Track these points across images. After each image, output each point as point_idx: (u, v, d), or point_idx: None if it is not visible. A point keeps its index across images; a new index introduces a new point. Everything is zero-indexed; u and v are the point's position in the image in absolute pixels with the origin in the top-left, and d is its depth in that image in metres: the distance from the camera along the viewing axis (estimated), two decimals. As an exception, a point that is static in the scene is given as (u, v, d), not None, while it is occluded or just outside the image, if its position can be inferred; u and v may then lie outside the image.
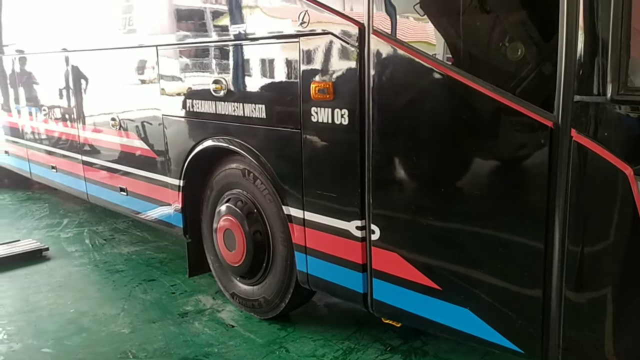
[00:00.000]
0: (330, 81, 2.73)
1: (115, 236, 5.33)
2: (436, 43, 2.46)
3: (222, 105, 3.37)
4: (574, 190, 2.01)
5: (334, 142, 2.79)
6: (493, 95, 2.15)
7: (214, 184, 3.70)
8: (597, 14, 1.89)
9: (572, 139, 1.96)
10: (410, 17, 2.52)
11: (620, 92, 1.84)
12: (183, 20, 3.68)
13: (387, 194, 2.62)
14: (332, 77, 2.72)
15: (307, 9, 2.79)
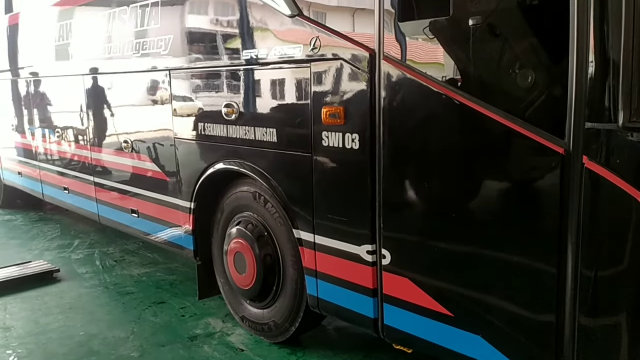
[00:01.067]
0: (342, 106, 2.75)
1: (126, 258, 5.35)
2: (447, 69, 2.47)
3: (234, 128, 3.41)
4: (587, 217, 2.00)
5: (345, 167, 2.80)
6: (504, 121, 2.16)
7: (225, 207, 3.71)
8: (608, 40, 1.90)
9: (584, 165, 1.95)
10: (420, 43, 2.54)
11: (633, 119, 1.84)
12: (195, 44, 3.74)
13: (398, 218, 2.62)
14: (343, 102, 2.74)
15: (318, 34, 2.82)
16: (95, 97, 4.99)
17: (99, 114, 4.97)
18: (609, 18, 1.89)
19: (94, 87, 4.97)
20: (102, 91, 4.87)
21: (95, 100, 5.01)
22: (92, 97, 5.02)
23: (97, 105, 4.99)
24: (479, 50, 2.35)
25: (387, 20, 2.52)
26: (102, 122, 4.94)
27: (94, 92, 4.98)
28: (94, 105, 5.03)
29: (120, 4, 4.41)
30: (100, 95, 4.91)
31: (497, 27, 2.35)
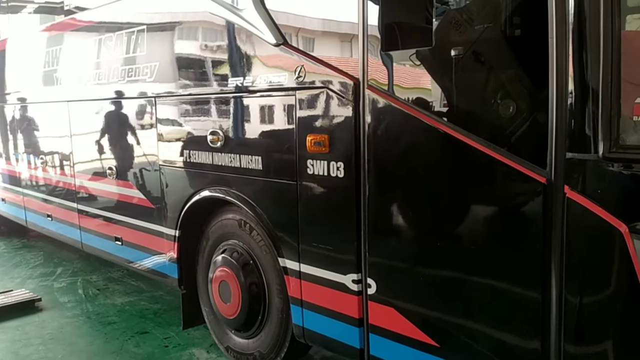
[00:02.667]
0: (326, 134, 2.75)
1: (109, 286, 5.27)
2: (430, 98, 2.50)
3: (219, 156, 3.40)
4: (570, 246, 2.00)
5: (330, 195, 2.80)
6: (487, 150, 2.17)
7: (210, 234, 3.68)
8: (587, 71, 1.93)
9: (565, 195, 1.96)
10: (404, 73, 2.57)
11: (612, 149, 1.86)
12: (180, 71, 3.74)
13: (383, 247, 2.61)
14: (328, 130, 2.75)
15: (303, 62, 2.84)
16: (79, 123, 4.97)
17: (83, 141, 4.93)
18: (588, 49, 1.92)
19: (79, 114, 4.94)
20: (87, 117, 4.84)
21: (79, 126, 4.98)
22: (77, 123, 5.00)
23: (81, 132, 4.96)
24: (462, 80, 2.38)
25: (371, 50, 2.54)
26: (86, 148, 4.91)
27: (79, 119, 4.96)
28: (78, 131, 5.00)
29: (105, 31, 4.43)
30: (85, 121, 4.88)
31: (478, 57, 2.39)
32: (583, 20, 1.92)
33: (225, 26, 3.31)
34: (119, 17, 4.33)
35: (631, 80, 1.88)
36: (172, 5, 3.76)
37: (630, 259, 1.87)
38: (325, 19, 2.86)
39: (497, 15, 2.42)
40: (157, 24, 3.92)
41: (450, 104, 2.45)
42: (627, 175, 1.91)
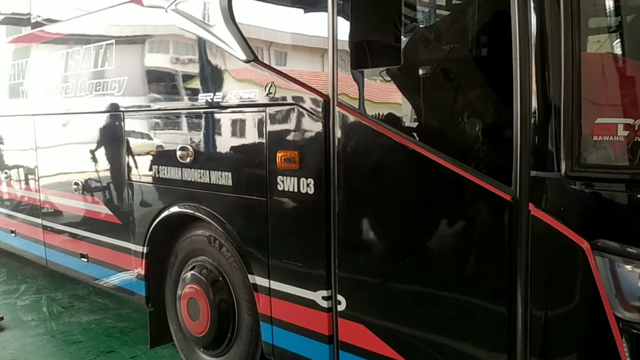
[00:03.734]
0: (296, 150, 2.76)
1: (75, 303, 5.14)
2: (399, 116, 2.53)
3: (188, 171, 3.37)
4: (535, 263, 2.04)
5: (300, 211, 2.80)
6: (454, 168, 2.21)
7: (179, 251, 3.64)
8: (549, 92, 1.98)
9: (530, 213, 2.00)
10: (373, 90, 2.60)
11: (574, 168, 1.91)
12: (149, 86, 3.71)
13: (353, 263, 2.62)
14: (298, 147, 2.76)
15: (273, 79, 2.85)
16: (45, 137, 4.87)
17: (48, 155, 4.84)
18: (549, 70, 1.97)
19: (45, 127, 4.85)
20: (53, 131, 4.75)
21: (45, 140, 4.88)
22: (42, 137, 4.90)
23: (47, 146, 4.86)
24: (429, 98, 2.42)
25: (341, 67, 2.57)
26: (52, 163, 4.82)
27: (44, 132, 4.86)
28: (44, 145, 4.90)
29: (74, 43, 4.37)
30: (51, 135, 4.79)
31: (446, 76, 2.43)
32: (545, 42, 1.98)
33: (195, 42, 3.30)
34: (88, 30, 4.28)
35: (591, 101, 1.94)
36: (142, 19, 3.74)
37: (592, 274, 1.92)
38: (296, 36, 2.89)
39: (464, 35, 2.47)
40: (126, 38, 3.89)
41: (419, 122, 2.49)
42: (589, 193, 1.97)
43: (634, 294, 1.91)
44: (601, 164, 1.97)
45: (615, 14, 2.16)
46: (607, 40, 2.16)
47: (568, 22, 1.92)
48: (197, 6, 3.22)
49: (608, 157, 1.97)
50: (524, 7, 2.00)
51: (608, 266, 1.90)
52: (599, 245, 1.90)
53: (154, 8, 3.52)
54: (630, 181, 1.96)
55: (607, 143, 1.94)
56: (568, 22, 1.92)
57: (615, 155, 1.97)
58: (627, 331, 1.90)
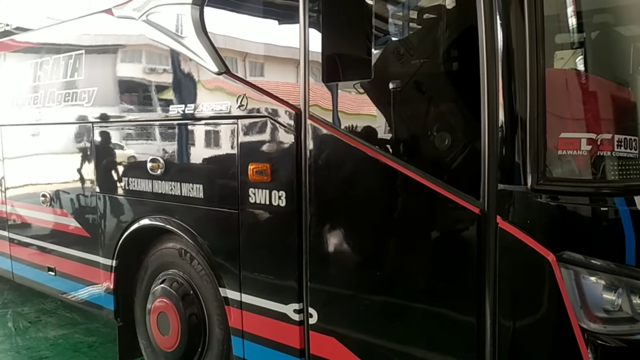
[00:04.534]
0: (268, 163, 2.75)
1: (42, 318, 5.01)
2: (370, 129, 2.55)
3: (159, 183, 3.33)
4: (503, 274, 2.07)
5: (271, 224, 2.79)
6: (424, 181, 2.23)
7: (149, 264, 3.59)
8: (515, 107, 2.02)
9: (497, 225, 2.04)
10: (345, 103, 2.62)
11: (540, 182, 1.95)
12: (120, 98, 3.67)
13: (325, 276, 2.62)
14: (270, 159, 2.76)
15: (245, 91, 2.85)
16: (12, 147, 4.77)
17: (16, 166, 4.74)
18: (516, 85, 2.01)
19: (12, 138, 4.75)
20: (21, 142, 4.66)
21: (12, 151, 4.78)
22: (9, 147, 4.80)
23: (14, 156, 4.76)
24: (400, 112, 2.45)
25: (312, 80, 2.58)
26: (19, 174, 4.72)
27: (12, 143, 4.76)
28: (10, 156, 4.80)
29: (43, 53, 4.30)
30: (18, 146, 4.69)
31: (416, 90, 2.46)
32: (511, 57, 2.02)
33: (166, 53, 3.28)
34: (57, 39, 4.22)
35: (556, 116, 1.99)
36: (112, 30, 3.70)
37: (558, 286, 1.95)
38: (268, 48, 2.89)
39: (434, 49, 2.51)
40: (96, 49, 3.85)
41: (389, 135, 2.51)
42: (554, 206, 2.01)
43: (598, 305, 1.96)
44: (566, 177, 2.02)
45: (578, 31, 2.22)
46: (571, 57, 2.23)
47: (533, 39, 1.97)
48: (168, 17, 3.20)
49: (572, 171, 2.02)
50: (490, 23, 2.04)
51: (573, 278, 1.95)
52: (564, 257, 1.94)
53: (125, 19, 3.49)
54: (594, 194, 2.01)
55: (571, 157, 1.99)
56: (533, 39, 1.97)
57: (579, 169, 2.02)
58: (592, 342, 1.94)
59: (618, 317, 1.98)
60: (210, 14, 3.01)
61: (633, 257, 2.00)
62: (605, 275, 1.97)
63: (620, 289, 1.96)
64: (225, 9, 3.06)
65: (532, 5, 1.96)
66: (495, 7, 2.04)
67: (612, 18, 2.39)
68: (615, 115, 2.10)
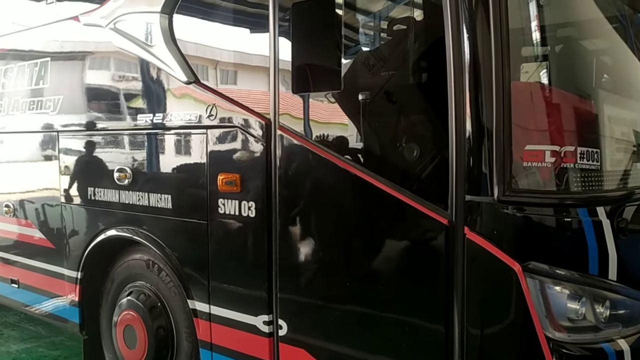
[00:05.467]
0: (238, 173, 2.74)
1: (4, 332, 4.86)
2: (339, 140, 2.56)
3: (126, 194, 3.28)
4: (470, 284, 2.09)
5: (241, 235, 2.77)
6: (392, 192, 2.25)
7: (115, 276, 3.52)
8: (482, 119, 2.05)
9: (465, 236, 2.06)
10: (314, 114, 2.62)
11: (506, 193, 1.98)
12: (86, 106, 3.61)
13: (294, 287, 2.61)
14: (240, 170, 2.74)
15: (215, 101, 2.83)
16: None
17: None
18: (482, 98, 2.04)
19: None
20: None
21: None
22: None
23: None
24: (369, 123, 2.46)
25: (282, 90, 2.58)
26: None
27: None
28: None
29: (8, 60, 4.20)
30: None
31: (385, 102, 2.48)
32: (477, 71, 2.05)
33: (134, 61, 3.24)
34: (23, 46, 4.13)
35: (521, 129, 2.02)
36: (79, 37, 3.64)
37: (524, 295, 1.98)
38: (238, 58, 2.88)
39: (403, 61, 2.54)
40: (63, 57, 3.78)
41: (359, 146, 2.52)
42: (520, 217, 2.05)
43: (563, 314, 1.99)
44: (531, 188, 2.07)
45: (543, 44, 2.27)
46: (536, 70, 2.28)
47: (499, 52, 2.00)
48: (136, 25, 3.16)
49: (537, 182, 2.07)
50: (457, 36, 2.07)
51: (538, 287, 1.98)
52: (529, 267, 1.98)
53: (92, 26, 3.44)
54: (558, 205, 2.05)
55: (536, 169, 2.03)
56: (499, 52, 2.00)
57: (544, 181, 2.06)
58: (557, 351, 1.98)
59: (582, 326, 2.03)
60: (180, 23, 2.99)
61: (596, 267, 2.05)
62: (570, 285, 2.01)
63: (584, 298, 2.01)
64: (195, 18, 3.05)
65: (498, 18, 2.00)
66: (462, 20, 2.07)
67: (576, 32, 2.46)
68: (578, 128, 2.16)
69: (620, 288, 2.10)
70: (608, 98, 2.45)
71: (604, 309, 2.03)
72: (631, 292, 2.13)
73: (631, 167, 2.35)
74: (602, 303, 2.03)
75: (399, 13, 2.76)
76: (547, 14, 2.25)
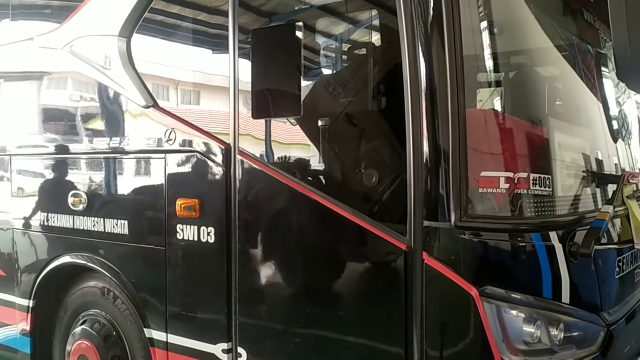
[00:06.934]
0: (197, 198, 2.71)
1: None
2: (299, 165, 2.57)
3: (81, 219, 3.20)
4: (429, 309, 2.11)
5: (200, 261, 2.73)
6: (353, 218, 2.25)
7: (69, 304, 3.41)
8: (439, 146, 2.08)
9: (424, 261, 2.08)
10: (274, 140, 2.62)
11: (463, 219, 2.01)
12: (40, 129, 3.52)
13: (254, 314, 2.58)
14: (199, 195, 2.71)
15: (174, 126, 2.80)
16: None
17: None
18: (439, 127, 2.08)
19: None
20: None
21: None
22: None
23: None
24: (329, 149, 2.48)
25: (242, 116, 2.57)
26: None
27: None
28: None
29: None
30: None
31: (345, 127, 2.51)
32: (434, 97, 2.08)
33: (92, 85, 3.19)
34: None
35: (476, 155, 2.07)
36: (35, 60, 3.56)
37: (481, 320, 2.01)
38: (198, 83, 2.87)
39: (362, 88, 2.58)
40: (18, 79, 3.70)
41: (319, 172, 2.53)
42: (477, 243, 2.08)
43: (519, 338, 2.03)
44: (487, 214, 2.10)
45: (496, 71, 2.35)
46: (490, 96, 2.34)
47: (454, 79, 2.04)
48: (94, 49, 3.11)
49: (493, 208, 2.11)
50: (414, 63, 2.10)
51: (495, 312, 2.01)
52: (486, 292, 2.01)
53: (48, 49, 3.37)
54: (512, 231, 2.10)
55: (492, 195, 2.07)
56: (454, 79, 2.04)
57: (499, 206, 2.11)
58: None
59: (538, 349, 2.06)
60: (138, 47, 2.96)
61: (550, 291, 2.10)
62: (525, 309, 2.05)
63: (539, 321, 2.05)
64: (154, 42, 3.03)
65: (453, 46, 2.04)
66: (418, 46, 2.10)
67: (529, 60, 2.55)
68: (531, 154, 2.22)
69: (574, 311, 2.15)
70: (559, 125, 2.54)
71: (559, 332, 2.08)
72: (584, 314, 2.19)
73: (582, 192, 2.43)
74: (557, 326, 2.07)
75: (358, 39, 2.81)
76: (501, 42, 2.32)
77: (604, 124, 2.85)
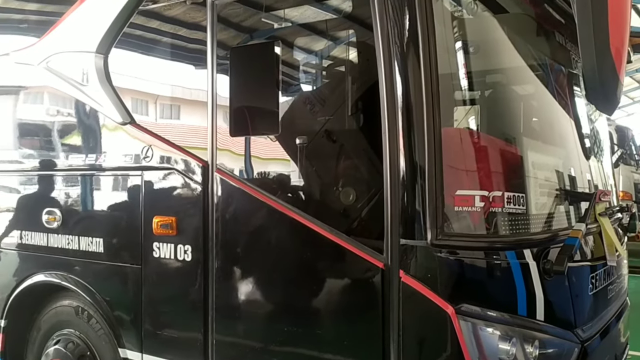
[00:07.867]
0: (174, 216, 2.68)
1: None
2: (277, 183, 2.57)
3: (55, 237, 3.15)
4: (406, 327, 2.11)
5: (176, 279, 2.71)
6: (330, 236, 2.25)
7: (42, 324, 3.34)
8: (415, 165, 2.09)
9: (400, 279, 2.08)
10: (252, 157, 2.62)
11: (439, 237, 2.03)
12: (13, 144, 3.47)
13: (231, 332, 2.56)
14: (176, 212, 2.69)
15: (151, 143, 2.79)
16: None
17: None
18: (415, 146, 2.09)
19: None
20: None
21: None
22: None
23: None
24: (306, 167, 2.49)
25: (219, 134, 2.57)
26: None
27: None
28: None
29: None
30: None
31: (322, 145, 2.52)
32: (410, 115, 2.10)
33: (68, 101, 3.16)
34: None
35: (452, 174, 2.09)
36: (10, 76, 3.52)
37: (457, 337, 2.02)
38: (176, 100, 2.87)
39: (341, 106, 2.59)
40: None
41: (296, 189, 2.54)
42: (453, 261, 2.09)
43: (494, 355, 2.04)
44: (462, 232, 2.12)
45: (471, 90, 2.38)
46: (466, 115, 2.37)
47: (429, 98, 2.05)
48: (70, 65, 3.08)
49: (468, 226, 2.13)
50: (390, 81, 2.11)
51: (471, 329, 2.02)
52: (462, 309, 2.02)
53: (23, 64, 3.34)
54: (487, 249, 2.12)
55: (467, 213, 2.09)
56: (429, 98, 2.05)
57: (474, 225, 2.13)
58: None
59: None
60: (115, 63, 2.94)
61: (524, 308, 2.11)
62: (500, 326, 2.06)
63: (514, 338, 2.06)
64: (132, 58, 3.01)
65: (428, 64, 2.06)
66: (395, 64, 2.11)
67: (504, 78, 2.59)
68: (506, 173, 2.26)
69: (548, 328, 2.17)
70: (533, 143, 2.59)
71: (534, 348, 2.09)
72: (558, 331, 2.22)
73: (555, 209, 2.47)
74: (532, 343, 2.09)
75: (337, 56, 2.83)
76: (476, 62, 2.37)
77: (576, 142, 2.91)
